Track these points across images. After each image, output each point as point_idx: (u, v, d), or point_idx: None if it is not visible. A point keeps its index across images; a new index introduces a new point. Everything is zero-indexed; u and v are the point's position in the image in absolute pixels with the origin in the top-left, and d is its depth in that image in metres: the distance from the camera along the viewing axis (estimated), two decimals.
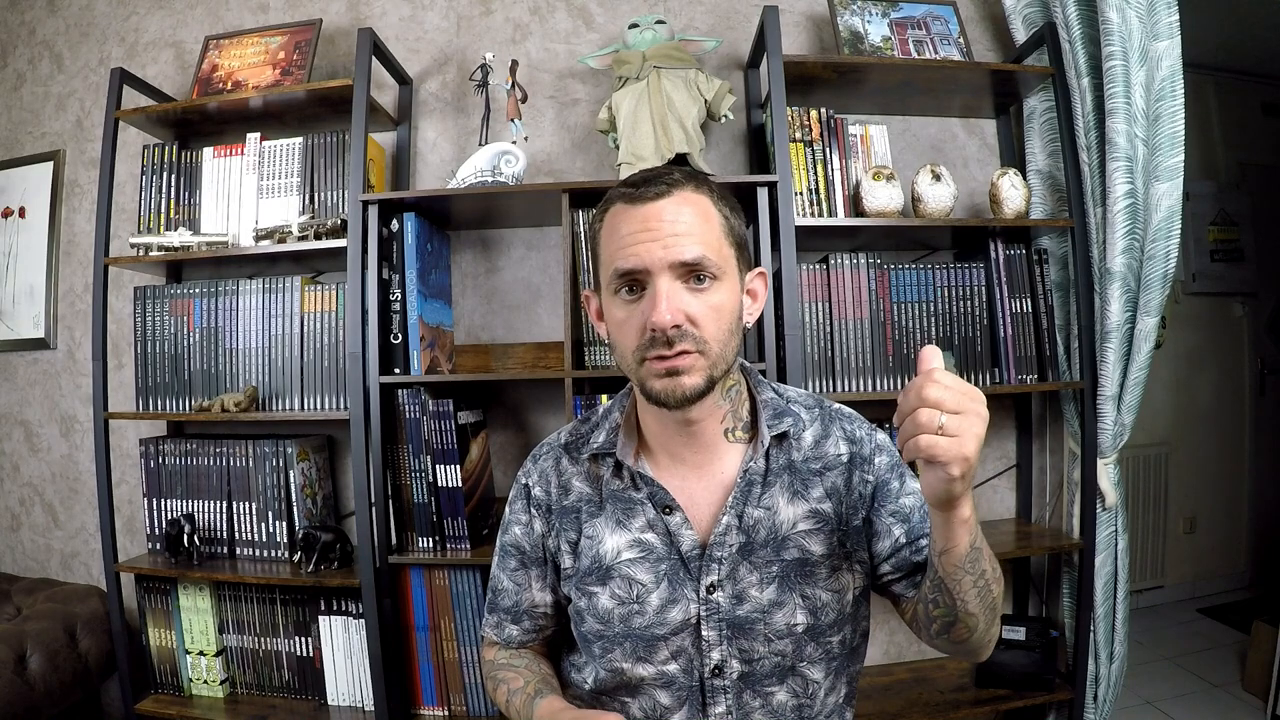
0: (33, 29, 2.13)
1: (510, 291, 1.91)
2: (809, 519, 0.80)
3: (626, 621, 0.80)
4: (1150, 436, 2.87)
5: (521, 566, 0.90)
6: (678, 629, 0.79)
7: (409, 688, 1.66)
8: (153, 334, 1.79)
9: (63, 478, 2.08)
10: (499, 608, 0.93)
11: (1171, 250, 1.60)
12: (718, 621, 0.78)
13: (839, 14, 1.77)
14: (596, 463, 0.86)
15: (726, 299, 0.76)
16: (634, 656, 0.80)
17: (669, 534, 0.80)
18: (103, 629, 1.80)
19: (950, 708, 1.61)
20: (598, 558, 0.82)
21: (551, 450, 0.91)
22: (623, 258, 0.74)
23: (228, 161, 1.83)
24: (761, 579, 0.79)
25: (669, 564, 0.80)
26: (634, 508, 0.82)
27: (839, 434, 0.85)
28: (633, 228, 0.74)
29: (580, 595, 0.83)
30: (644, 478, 0.81)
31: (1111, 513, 1.71)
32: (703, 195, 0.77)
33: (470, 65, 1.88)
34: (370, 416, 1.57)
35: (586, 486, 0.86)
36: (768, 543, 0.79)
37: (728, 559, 0.79)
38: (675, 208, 0.75)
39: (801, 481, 0.82)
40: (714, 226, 0.76)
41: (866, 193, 1.65)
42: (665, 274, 0.73)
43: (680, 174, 0.78)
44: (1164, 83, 1.58)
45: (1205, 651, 2.53)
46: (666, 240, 0.73)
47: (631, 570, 0.80)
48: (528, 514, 0.89)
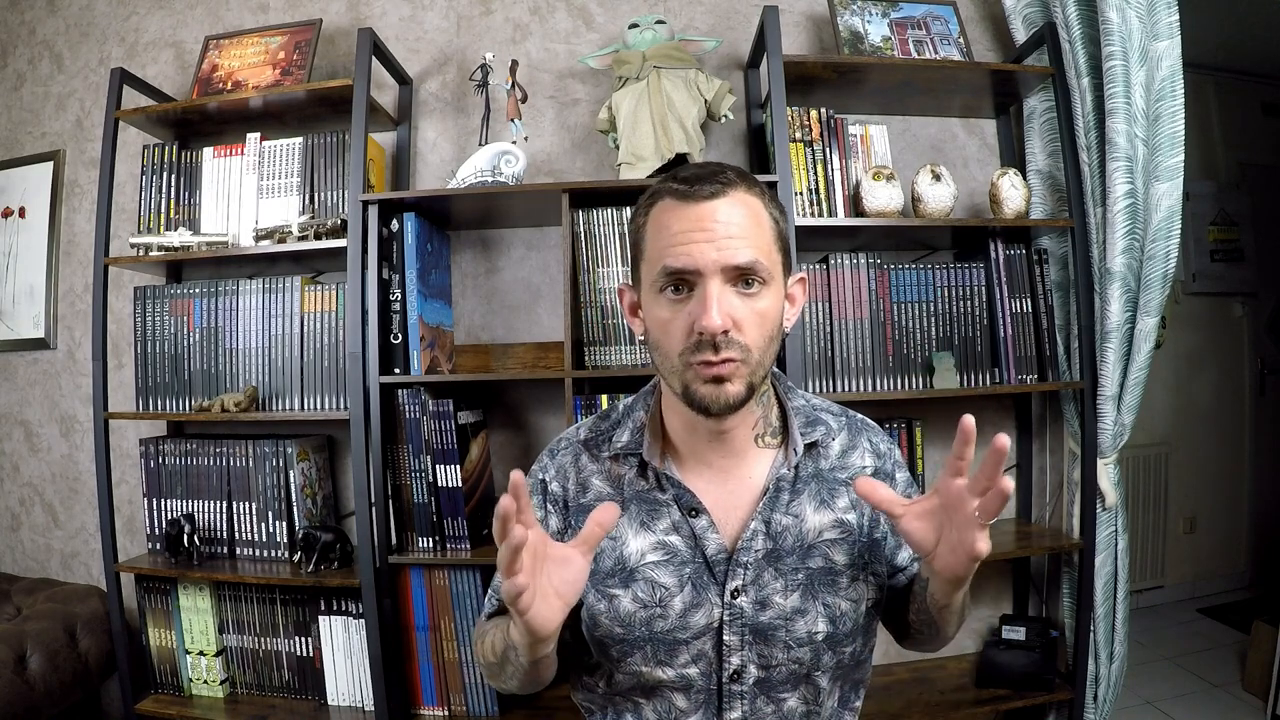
0: (33, 29, 2.13)
1: (510, 291, 1.91)
2: (834, 528, 0.80)
3: (648, 625, 0.78)
4: (1150, 436, 2.87)
5: None
6: (700, 633, 0.78)
7: (409, 688, 1.66)
8: (153, 334, 1.79)
9: (63, 478, 2.08)
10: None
11: (1171, 250, 1.60)
12: (740, 627, 0.77)
13: (839, 14, 1.77)
14: (618, 462, 0.84)
15: (771, 305, 0.75)
16: (654, 660, 0.78)
17: (694, 537, 0.79)
18: (103, 629, 1.80)
19: (950, 708, 1.61)
20: (621, 559, 0.80)
21: (570, 446, 0.88)
22: (673, 256, 0.72)
23: (228, 161, 1.83)
24: (786, 586, 0.78)
25: (693, 567, 0.78)
26: (659, 509, 0.81)
27: (865, 445, 0.86)
28: (684, 226, 0.72)
29: (600, 598, 0.80)
30: (670, 479, 0.80)
31: (1111, 513, 1.71)
32: (755, 197, 0.76)
33: (470, 65, 1.88)
34: (370, 416, 1.57)
35: (607, 486, 0.84)
36: (794, 550, 0.79)
37: (753, 564, 0.78)
38: (729, 208, 0.73)
39: (828, 490, 0.82)
40: (765, 230, 0.75)
41: (866, 193, 1.65)
42: (717, 276, 0.71)
43: (733, 172, 0.76)
44: (1164, 83, 1.58)
45: (1205, 651, 2.53)
46: (720, 242, 0.71)
47: (655, 573, 0.79)
48: (544, 510, 0.86)
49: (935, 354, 1.66)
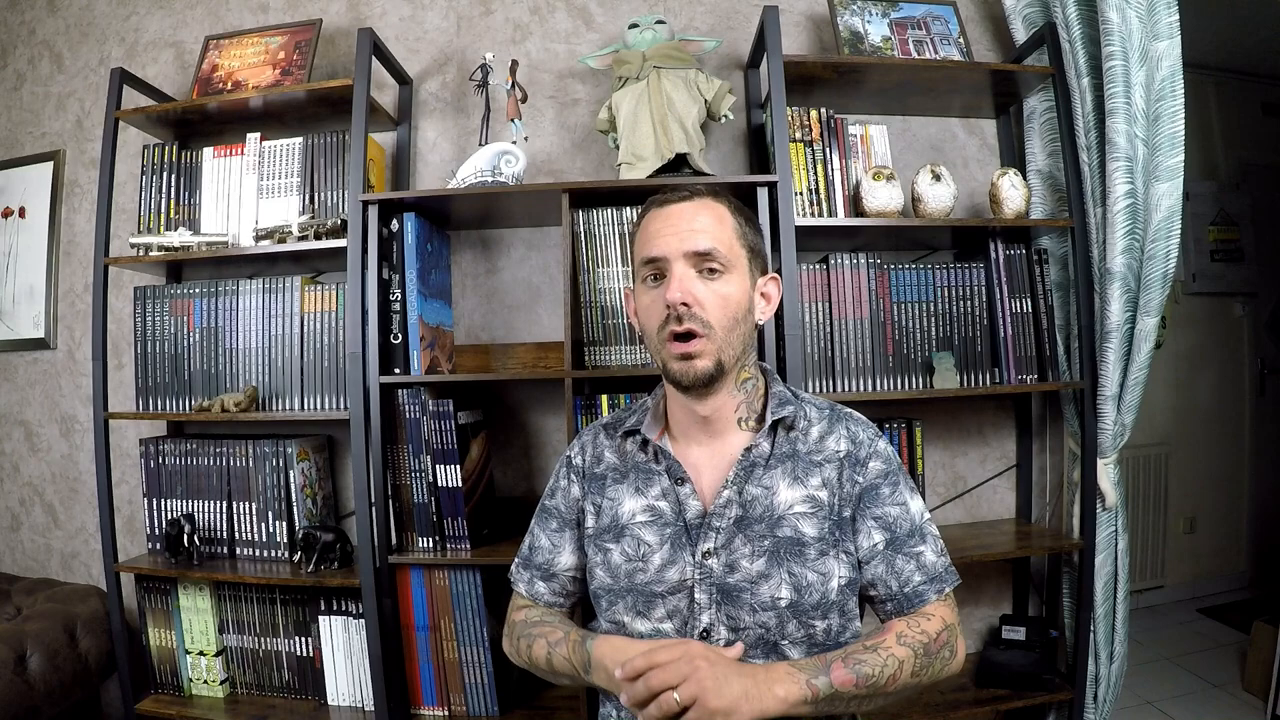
0: (33, 29, 2.13)
1: (510, 291, 1.91)
2: (805, 503, 0.89)
3: (631, 577, 0.90)
4: (1150, 436, 2.87)
5: (560, 528, 1.01)
6: (674, 589, 0.88)
7: (409, 688, 1.65)
8: (153, 334, 1.79)
9: (63, 478, 2.08)
10: (533, 564, 1.03)
11: (1171, 250, 1.60)
12: (709, 585, 0.87)
13: (839, 14, 1.77)
14: (628, 439, 0.99)
15: (734, 291, 0.88)
16: (634, 610, 0.90)
17: (678, 502, 0.91)
18: (103, 629, 1.80)
19: (950, 708, 1.61)
20: (616, 517, 0.94)
21: (593, 428, 1.05)
22: (648, 248, 0.90)
23: (228, 161, 1.83)
24: (754, 551, 0.87)
25: (674, 529, 0.90)
26: (652, 478, 0.94)
27: (842, 432, 0.94)
28: (658, 225, 0.90)
29: (596, 551, 0.95)
30: (663, 452, 0.93)
31: (1111, 513, 1.71)
32: (720, 204, 0.92)
33: (470, 65, 1.88)
34: (370, 416, 1.57)
35: (615, 458, 0.99)
36: (763, 518, 0.88)
37: (724, 529, 0.88)
38: (694, 209, 0.90)
39: (803, 469, 0.91)
40: (726, 228, 0.90)
41: (866, 193, 1.65)
42: (680, 261, 0.87)
43: (705, 187, 0.94)
44: (1164, 83, 1.58)
45: (1205, 651, 2.53)
46: (684, 234, 0.88)
47: (641, 531, 0.92)
48: (568, 479, 1.02)
49: (935, 354, 1.66)
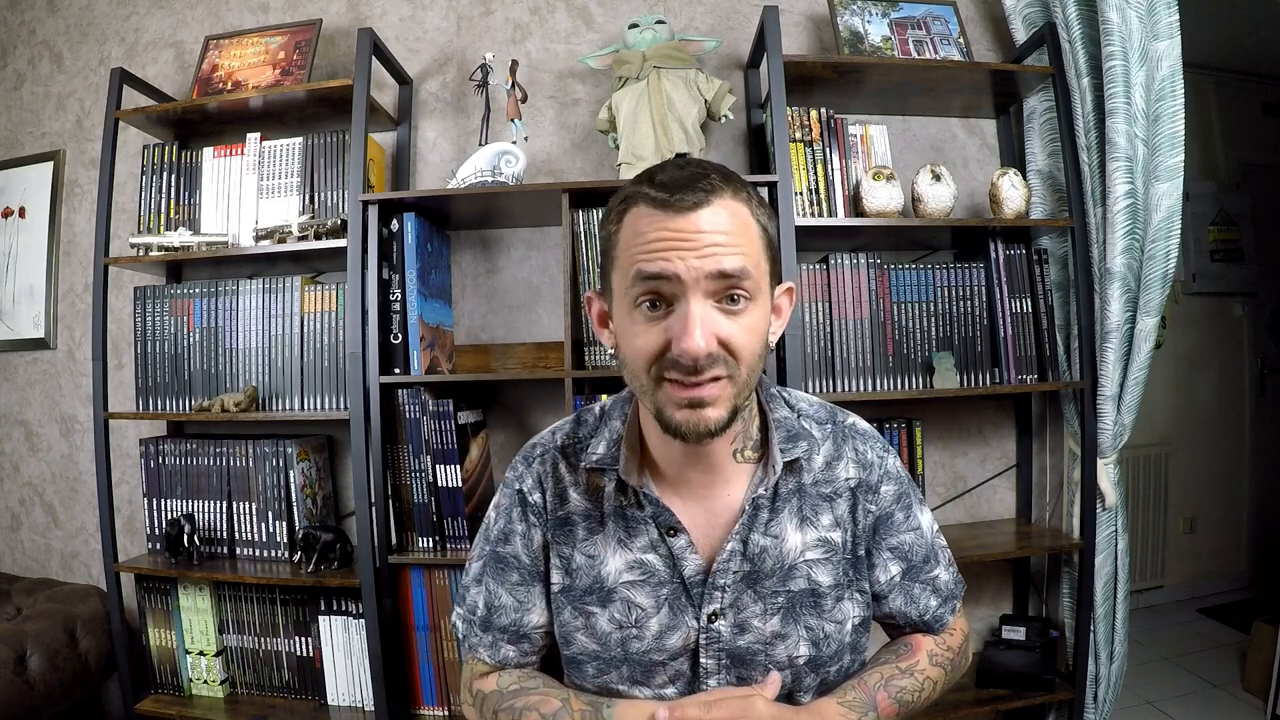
0: (33, 29, 2.13)
1: (510, 291, 1.91)
2: (817, 547, 0.77)
3: (624, 645, 0.76)
4: (1150, 436, 2.87)
5: (524, 581, 0.82)
6: (676, 654, 0.76)
7: (409, 688, 1.65)
8: (153, 334, 1.79)
9: (63, 478, 2.08)
10: (494, 626, 0.83)
11: (1171, 250, 1.60)
12: (717, 651, 0.75)
13: (839, 14, 1.77)
14: (597, 474, 0.80)
15: (760, 320, 0.69)
16: (630, 680, 0.77)
17: (672, 557, 0.75)
18: (103, 629, 1.80)
19: (950, 708, 1.61)
20: (599, 579, 0.77)
21: (547, 453, 0.83)
22: (647, 260, 0.65)
23: (228, 161, 1.83)
24: (766, 610, 0.75)
25: (670, 588, 0.76)
26: (636, 527, 0.77)
27: (850, 456, 0.80)
28: (662, 235, 0.65)
29: (576, 614, 0.78)
30: (648, 497, 0.76)
31: (1111, 513, 1.71)
32: (741, 203, 0.68)
33: (470, 65, 1.88)
34: (370, 416, 1.57)
35: (585, 500, 0.80)
36: (774, 572, 0.75)
37: (731, 587, 0.75)
38: (714, 216, 0.66)
39: (811, 507, 0.78)
40: (754, 238, 0.68)
41: (866, 193, 1.65)
42: (698, 290, 0.65)
43: (717, 176, 0.68)
44: (1164, 83, 1.58)
45: (1205, 651, 2.53)
46: (704, 250, 0.64)
47: (631, 593, 0.76)
48: (525, 523, 0.82)
49: (935, 354, 1.66)
